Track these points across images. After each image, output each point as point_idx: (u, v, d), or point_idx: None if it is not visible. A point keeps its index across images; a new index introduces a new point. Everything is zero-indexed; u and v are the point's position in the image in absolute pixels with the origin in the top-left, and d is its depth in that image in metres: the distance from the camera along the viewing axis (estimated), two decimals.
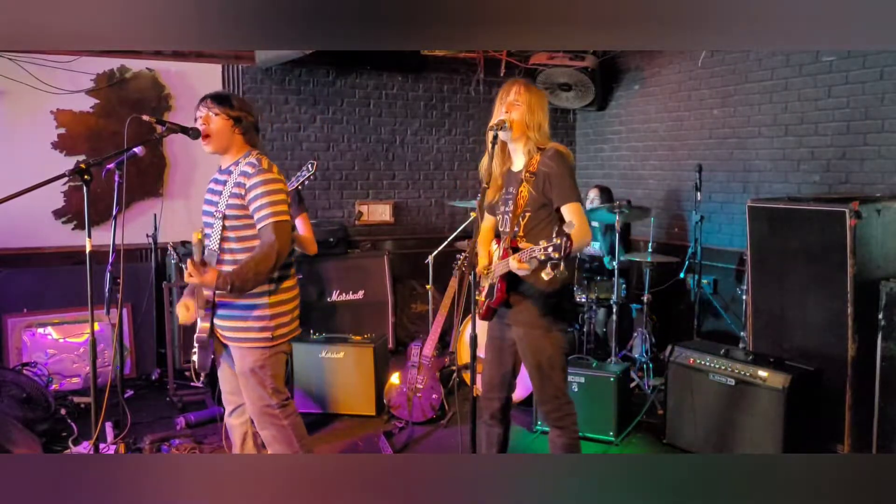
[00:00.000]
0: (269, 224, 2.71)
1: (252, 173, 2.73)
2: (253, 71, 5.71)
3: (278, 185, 2.77)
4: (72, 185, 5.04)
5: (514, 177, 2.94)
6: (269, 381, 2.83)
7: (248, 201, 2.74)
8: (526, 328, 2.89)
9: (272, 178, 2.75)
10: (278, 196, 2.74)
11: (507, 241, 2.86)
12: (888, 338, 3.38)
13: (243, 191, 2.74)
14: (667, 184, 5.84)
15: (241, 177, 2.75)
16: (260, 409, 2.86)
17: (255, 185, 2.72)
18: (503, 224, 2.98)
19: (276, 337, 2.83)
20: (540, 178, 2.83)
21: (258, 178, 2.72)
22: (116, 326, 3.62)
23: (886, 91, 4.11)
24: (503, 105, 2.89)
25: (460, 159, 6.56)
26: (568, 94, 6.20)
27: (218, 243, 2.80)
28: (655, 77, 5.91)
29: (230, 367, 2.97)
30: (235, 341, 2.83)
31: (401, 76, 6.26)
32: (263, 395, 2.83)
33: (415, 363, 4.33)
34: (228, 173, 2.82)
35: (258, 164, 2.76)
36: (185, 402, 4.55)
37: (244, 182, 2.73)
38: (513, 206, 2.89)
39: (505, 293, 2.87)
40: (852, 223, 3.50)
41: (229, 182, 2.78)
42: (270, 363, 2.83)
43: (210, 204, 2.88)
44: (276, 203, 2.73)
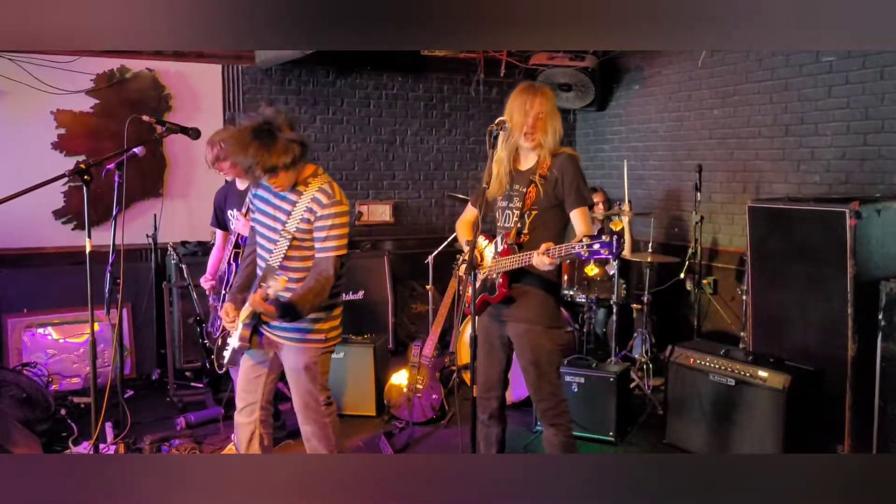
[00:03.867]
0: (331, 258, 2.78)
1: (326, 203, 2.76)
2: (253, 71, 5.71)
3: (346, 218, 2.83)
4: (72, 185, 5.04)
5: (522, 176, 2.95)
6: (320, 377, 2.95)
7: (316, 228, 2.79)
8: (527, 325, 2.90)
9: (344, 212, 2.81)
10: (344, 230, 2.81)
11: (513, 236, 2.87)
12: (888, 338, 3.37)
13: (313, 217, 2.78)
14: (667, 184, 5.84)
15: (314, 203, 2.78)
16: (307, 404, 2.97)
17: (327, 217, 2.76)
18: (503, 220, 2.98)
19: (330, 339, 2.95)
20: (552, 181, 2.86)
21: (332, 210, 2.76)
22: (116, 326, 3.61)
23: (886, 91, 4.11)
24: (528, 117, 2.85)
25: (460, 159, 6.56)
26: (568, 94, 6.20)
27: (280, 261, 2.85)
28: (655, 77, 5.91)
29: (253, 364, 3.02)
30: (290, 341, 2.92)
31: (401, 76, 6.26)
32: (313, 390, 2.94)
33: (415, 363, 4.34)
34: (298, 194, 2.82)
35: (331, 193, 2.79)
36: (185, 402, 4.55)
37: (316, 210, 2.77)
38: (520, 204, 2.90)
39: (507, 289, 2.88)
40: (852, 223, 3.50)
41: (300, 204, 2.79)
42: (322, 361, 2.96)
43: (269, 218, 2.89)
44: (341, 237, 2.80)
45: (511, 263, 2.81)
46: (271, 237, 2.88)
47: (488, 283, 2.95)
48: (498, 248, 2.95)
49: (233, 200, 3.81)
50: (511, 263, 2.81)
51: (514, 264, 2.81)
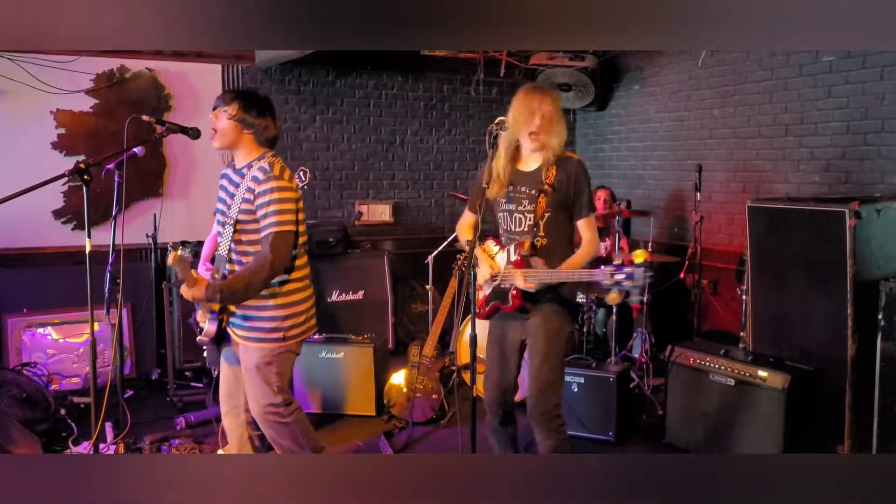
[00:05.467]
0: (270, 234, 2.67)
1: (262, 179, 2.68)
2: (253, 71, 5.71)
3: (288, 192, 2.71)
4: (72, 185, 5.03)
5: (527, 178, 2.91)
6: (274, 378, 2.80)
7: (256, 207, 2.69)
8: (544, 316, 2.88)
9: (283, 187, 2.69)
10: (286, 205, 2.69)
11: (528, 247, 2.83)
12: (888, 338, 3.37)
13: (252, 196, 2.69)
14: (667, 184, 5.84)
15: (252, 182, 2.70)
16: (262, 408, 2.83)
17: (263, 192, 2.67)
18: (512, 224, 2.94)
19: (288, 337, 2.83)
20: (561, 186, 2.85)
21: (268, 186, 2.67)
22: (116, 326, 3.61)
23: (886, 91, 4.11)
24: (535, 117, 2.81)
25: (460, 159, 6.56)
26: (568, 94, 6.20)
27: (227, 248, 2.76)
28: (655, 77, 5.91)
29: (231, 366, 2.96)
30: (244, 339, 2.83)
31: (401, 76, 6.26)
32: (267, 392, 2.80)
33: (415, 363, 4.33)
34: (241, 175, 2.77)
35: (269, 169, 2.70)
36: (185, 402, 4.55)
37: (254, 188, 2.69)
38: (531, 208, 2.86)
39: (521, 300, 2.85)
40: (852, 223, 3.50)
41: (241, 186, 2.74)
42: (277, 361, 2.81)
43: (222, 204, 2.83)
44: (281, 212, 2.67)
45: (548, 277, 2.77)
46: (222, 225, 2.82)
47: (500, 291, 2.90)
48: (511, 258, 2.88)
49: None
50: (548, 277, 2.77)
51: (550, 279, 2.77)
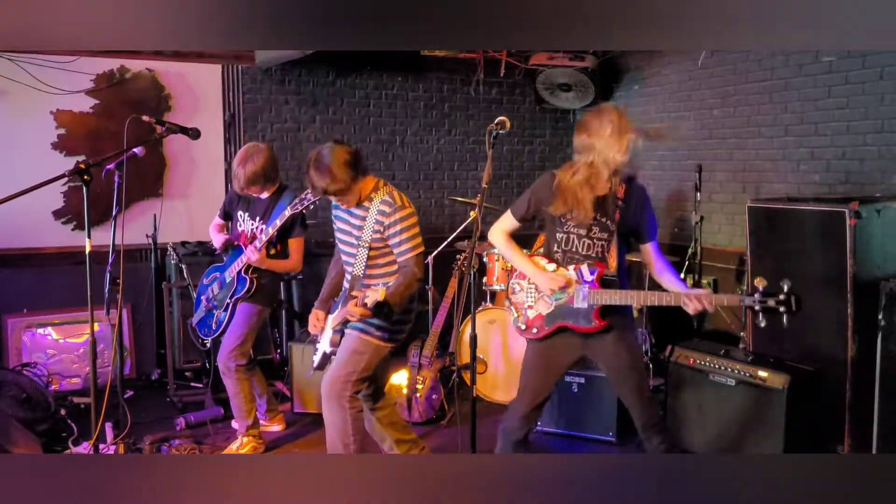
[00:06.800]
0: (412, 257, 3.06)
1: (389, 212, 3.06)
2: (253, 71, 5.71)
3: (413, 218, 3.11)
4: (72, 185, 5.03)
5: (602, 203, 2.82)
6: (360, 369, 3.09)
7: (389, 236, 3.07)
8: (619, 331, 2.86)
9: (409, 214, 3.09)
10: (414, 230, 3.09)
11: (599, 274, 2.81)
12: (888, 338, 3.37)
13: (382, 227, 3.06)
14: (667, 184, 5.84)
15: (380, 215, 3.06)
16: (334, 381, 3.09)
17: (394, 223, 3.05)
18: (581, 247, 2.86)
19: (391, 339, 3.17)
20: (630, 209, 2.85)
21: (397, 216, 3.05)
22: (116, 327, 3.61)
23: (886, 91, 4.11)
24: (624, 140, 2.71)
25: (460, 159, 6.55)
26: (568, 94, 6.20)
27: (363, 270, 3.13)
28: (655, 77, 5.91)
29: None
30: (356, 330, 3.13)
31: (401, 76, 6.25)
32: (350, 374, 3.08)
33: (415, 363, 4.33)
34: (365, 209, 3.10)
35: (392, 201, 3.08)
36: (185, 402, 4.55)
37: (384, 221, 3.06)
38: (605, 235, 2.83)
39: (601, 319, 2.81)
40: (852, 223, 3.50)
41: (369, 217, 3.08)
42: (372, 354, 3.12)
43: (346, 234, 3.18)
44: (413, 237, 3.08)
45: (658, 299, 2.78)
46: (350, 251, 3.16)
47: (572, 310, 2.83)
48: (586, 278, 2.83)
49: (244, 202, 3.90)
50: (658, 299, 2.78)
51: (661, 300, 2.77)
